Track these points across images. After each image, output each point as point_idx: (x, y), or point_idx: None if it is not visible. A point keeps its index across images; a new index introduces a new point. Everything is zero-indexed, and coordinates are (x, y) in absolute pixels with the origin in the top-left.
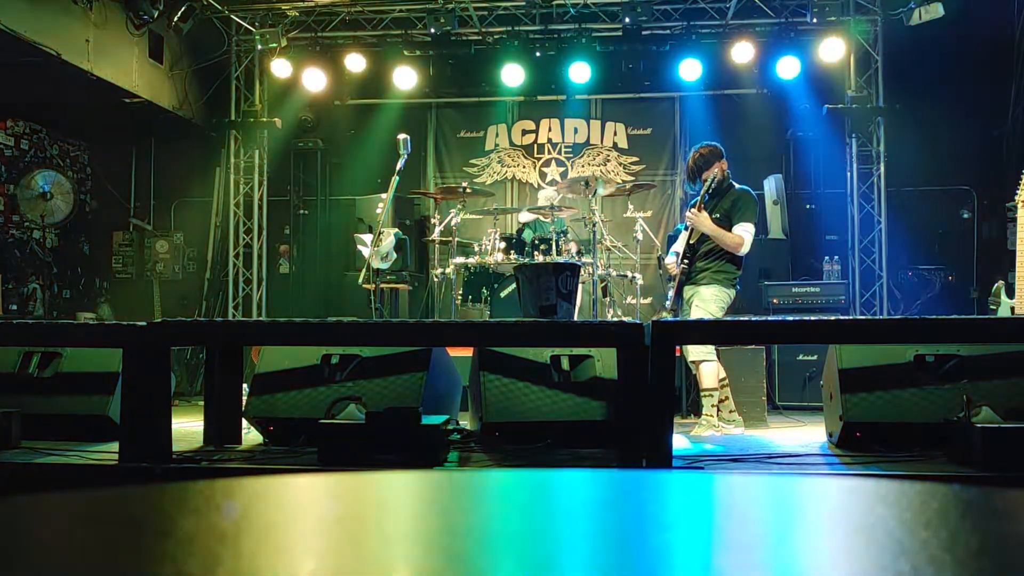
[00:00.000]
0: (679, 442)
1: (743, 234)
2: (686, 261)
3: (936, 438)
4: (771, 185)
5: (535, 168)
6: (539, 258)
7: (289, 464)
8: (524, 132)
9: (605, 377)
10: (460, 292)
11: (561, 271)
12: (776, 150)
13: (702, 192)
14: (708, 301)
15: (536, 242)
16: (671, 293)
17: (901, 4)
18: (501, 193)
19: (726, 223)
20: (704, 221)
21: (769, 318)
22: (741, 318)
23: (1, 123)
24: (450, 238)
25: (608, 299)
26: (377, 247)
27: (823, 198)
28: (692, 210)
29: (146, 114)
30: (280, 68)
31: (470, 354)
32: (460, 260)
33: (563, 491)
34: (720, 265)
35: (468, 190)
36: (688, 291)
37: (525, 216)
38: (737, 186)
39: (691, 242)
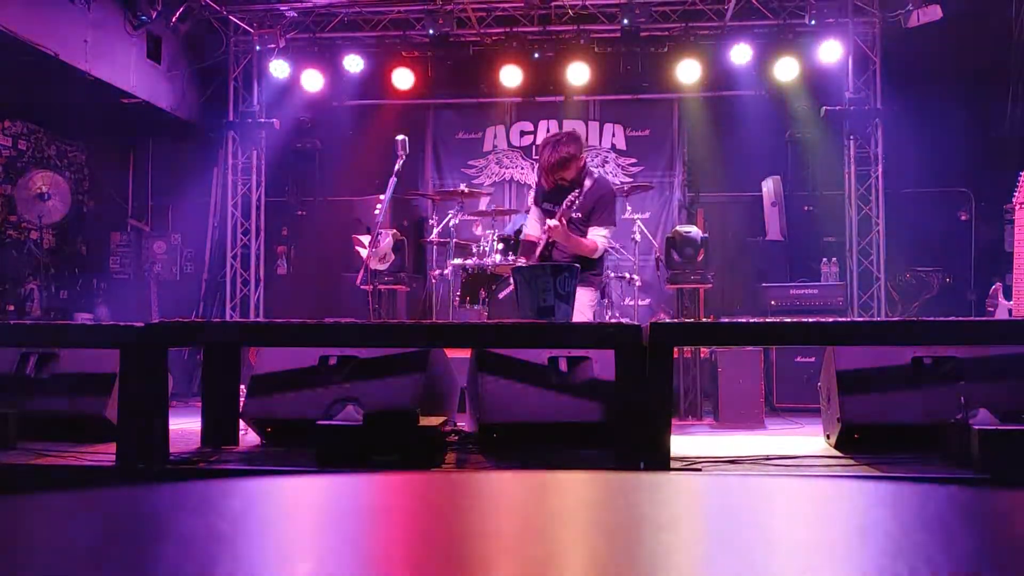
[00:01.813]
0: (677, 444)
1: (598, 240)
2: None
3: (933, 440)
4: (769, 187)
5: (533, 169)
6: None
7: (286, 465)
8: (522, 133)
9: (603, 379)
10: (458, 293)
11: (559, 273)
12: (774, 152)
13: (568, 203)
14: (585, 307)
15: None
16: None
17: (899, 6)
18: (499, 194)
19: (583, 225)
20: (560, 232)
21: (767, 319)
22: (739, 319)
23: None
24: (448, 239)
25: (606, 300)
26: (375, 248)
27: (821, 200)
28: (553, 221)
29: (144, 114)
30: (278, 69)
31: (468, 355)
32: (458, 261)
33: (561, 493)
34: (592, 270)
35: (466, 191)
36: None
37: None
38: (595, 175)
39: (550, 242)
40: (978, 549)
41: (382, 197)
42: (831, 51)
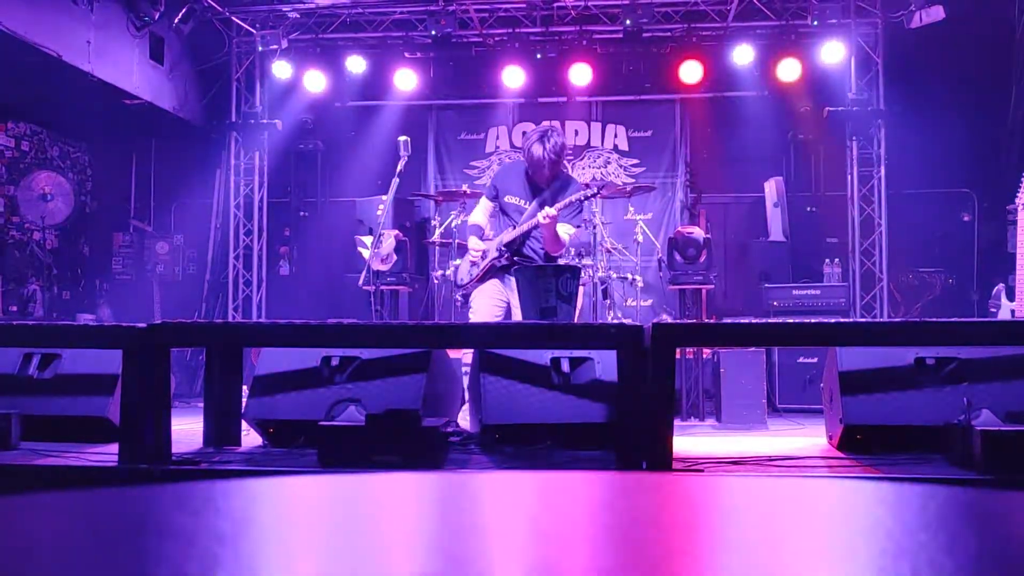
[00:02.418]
0: (679, 444)
1: (566, 237)
2: (500, 250)
3: (936, 441)
4: (771, 187)
5: None
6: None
7: (288, 466)
8: (525, 134)
9: (605, 379)
10: (460, 294)
11: (561, 273)
12: (777, 152)
13: (568, 201)
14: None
15: None
16: (469, 278)
17: (902, 7)
18: None
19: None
20: (552, 225)
21: (769, 320)
22: (741, 320)
23: (1, 125)
24: (450, 240)
25: (608, 301)
26: (377, 249)
27: (824, 200)
28: (552, 211)
29: (147, 115)
30: (281, 70)
31: (470, 356)
32: (460, 262)
33: (563, 494)
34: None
35: (469, 192)
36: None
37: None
38: (570, 175)
39: (524, 232)
40: (981, 550)
41: (384, 198)
42: (833, 52)
